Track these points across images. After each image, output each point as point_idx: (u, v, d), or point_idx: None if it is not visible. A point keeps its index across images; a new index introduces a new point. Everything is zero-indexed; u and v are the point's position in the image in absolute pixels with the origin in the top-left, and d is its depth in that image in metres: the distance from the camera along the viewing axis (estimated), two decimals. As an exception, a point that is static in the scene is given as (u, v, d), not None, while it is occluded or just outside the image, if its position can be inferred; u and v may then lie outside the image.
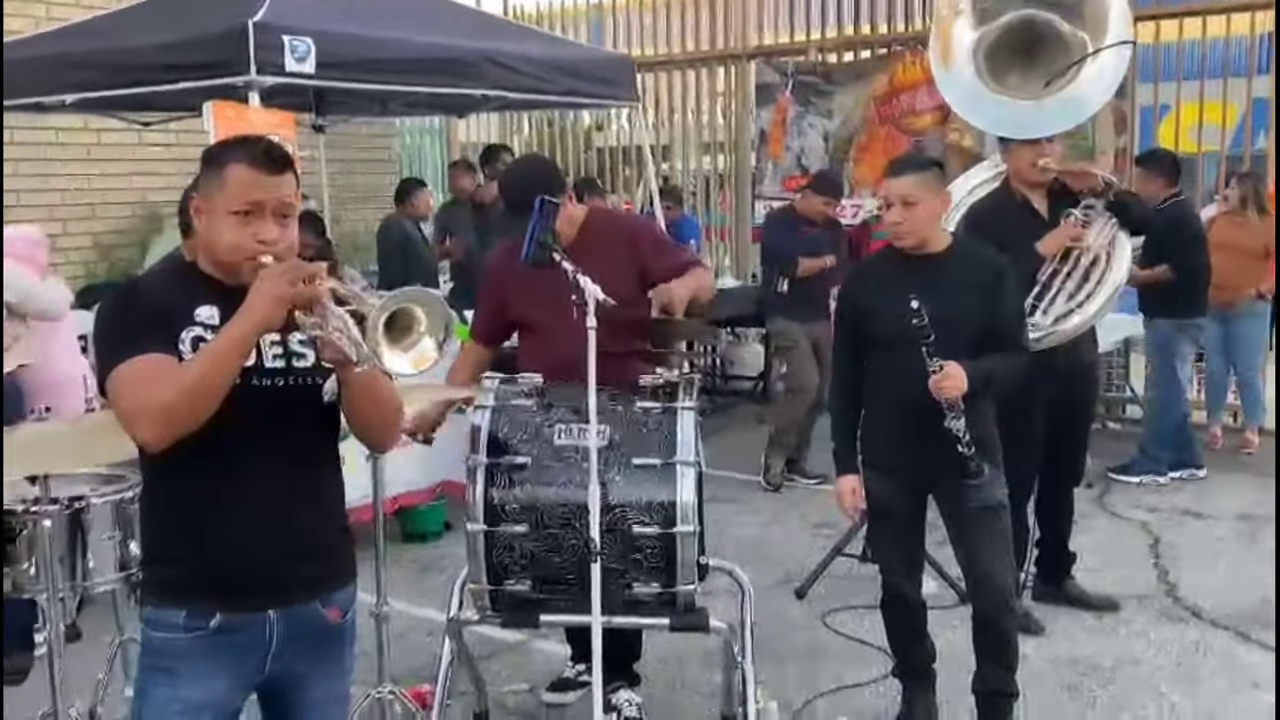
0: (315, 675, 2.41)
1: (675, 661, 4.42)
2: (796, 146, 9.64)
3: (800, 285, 6.93)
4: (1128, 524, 6.15)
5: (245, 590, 2.26)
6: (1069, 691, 4.19)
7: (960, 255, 3.65)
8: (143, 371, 2.13)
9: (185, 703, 2.25)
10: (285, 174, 2.26)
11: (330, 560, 2.41)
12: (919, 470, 3.58)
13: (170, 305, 2.24)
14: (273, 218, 2.23)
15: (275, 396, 2.27)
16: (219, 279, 2.27)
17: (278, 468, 2.27)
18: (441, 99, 7.09)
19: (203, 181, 2.28)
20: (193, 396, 2.10)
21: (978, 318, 3.54)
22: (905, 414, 3.51)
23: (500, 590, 3.41)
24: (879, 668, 4.33)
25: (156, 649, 2.28)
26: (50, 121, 8.12)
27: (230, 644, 2.27)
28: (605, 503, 3.19)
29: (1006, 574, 3.68)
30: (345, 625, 2.45)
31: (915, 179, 3.58)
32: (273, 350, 2.28)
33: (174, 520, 2.29)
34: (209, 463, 2.21)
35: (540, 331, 3.70)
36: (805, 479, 7.11)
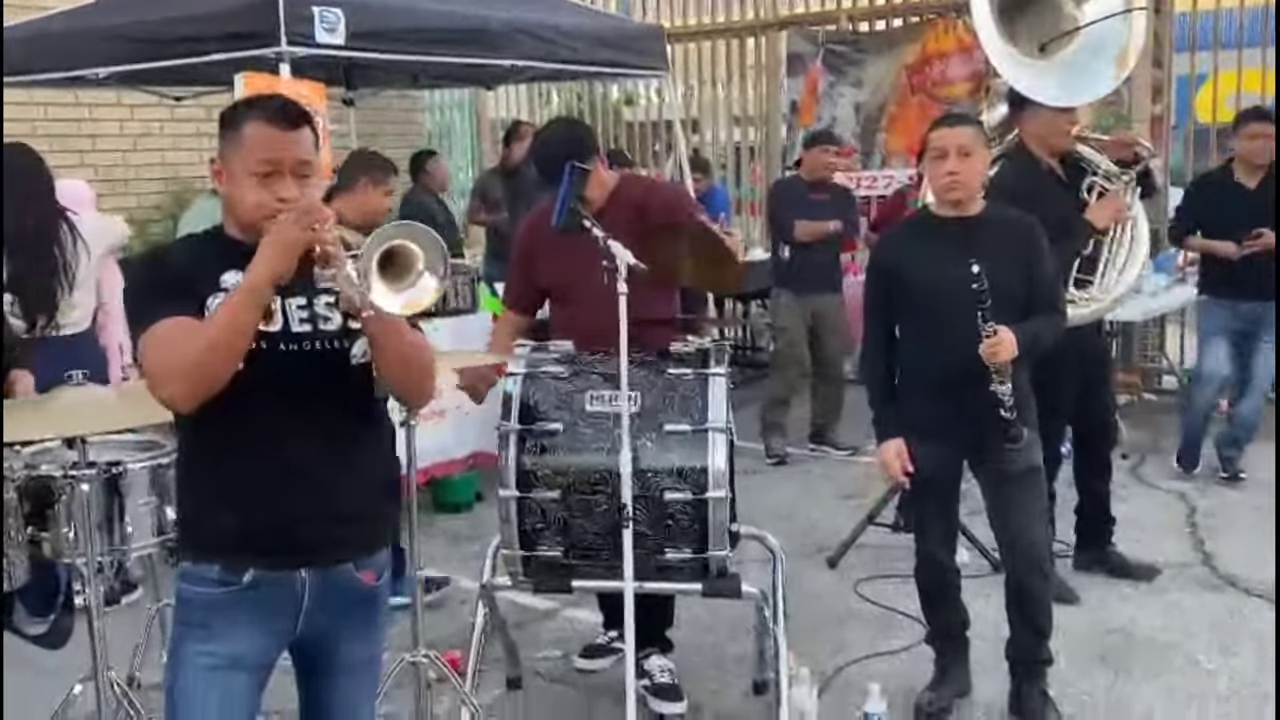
0: (348, 637, 2.43)
1: (707, 629, 4.43)
2: (828, 117, 9.56)
3: (803, 254, 6.79)
4: (1163, 494, 6.10)
5: (279, 549, 2.27)
6: (1103, 660, 4.17)
7: (993, 217, 3.61)
8: (170, 333, 2.14)
9: (217, 656, 2.26)
10: (301, 130, 2.25)
11: (365, 525, 2.40)
12: (959, 435, 3.55)
13: (198, 271, 2.25)
14: (291, 176, 2.23)
15: (302, 360, 2.27)
16: (246, 243, 2.24)
17: (310, 432, 2.27)
18: (471, 70, 7.07)
19: (222, 143, 2.28)
20: (212, 352, 2.10)
21: (1019, 280, 3.51)
22: (946, 379, 3.49)
23: (532, 556, 3.42)
24: (911, 636, 4.32)
25: (190, 603, 2.30)
26: (83, 98, 8.19)
27: (263, 600, 2.28)
28: (637, 469, 3.20)
29: (1042, 537, 3.68)
30: (379, 589, 2.46)
31: (974, 130, 3.53)
32: (299, 315, 2.27)
33: (208, 485, 2.31)
34: (242, 428, 2.22)
35: (571, 298, 3.70)
36: (836, 450, 7.09)
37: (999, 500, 3.64)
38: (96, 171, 8.54)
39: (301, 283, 2.21)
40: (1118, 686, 3.98)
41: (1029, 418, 3.56)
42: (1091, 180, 4.52)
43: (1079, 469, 4.92)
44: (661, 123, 11.15)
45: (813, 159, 6.94)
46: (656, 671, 3.94)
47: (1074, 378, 4.58)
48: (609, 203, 3.70)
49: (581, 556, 3.41)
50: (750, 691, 3.98)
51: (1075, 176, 4.55)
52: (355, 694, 2.49)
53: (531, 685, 4.09)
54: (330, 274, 2.13)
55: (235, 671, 2.28)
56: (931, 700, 3.78)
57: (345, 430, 2.35)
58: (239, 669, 2.29)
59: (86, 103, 8.25)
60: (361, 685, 2.51)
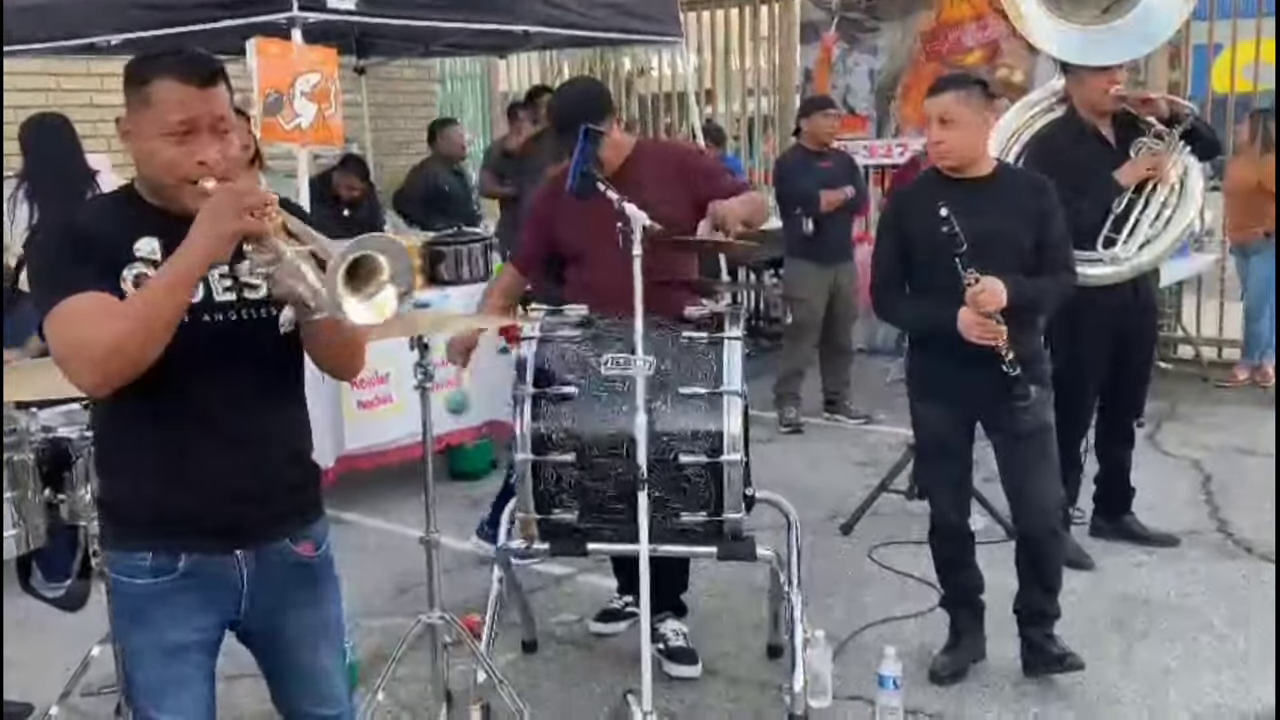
0: (293, 612, 2.33)
1: (721, 594, 4.43)
2: (842, 85, 9.49)
3: (825, 223, 6.77)
4: (1179, 462, 6.08)
5: (213, 530, 2.18)
6: (1119, 625, 4.16)
7: (1003, 178, 3.60)
8: (82, 311, 1.98)
9: (167, 644, 2.18)
10: (217, 86, 2.08)
11: (295, 498, 2.31)
12: (968, 395, 3.55)
13: (109, 237, 2.08)
14: (210, 135, 2.07)
15: (228, 331, 2.14)
16: (159, 206, 2.11)
17: (235, 405, 2.16)
18: (483, 37, 7.03)
19: (128, 101, 2.09)
20: (134, 338, 1.96)
21: (1023, 237, 3.50)
22: (951, 338, 3.48)
23: (548, 519, 3.42)
24: (925, 601, 4.32)
25: (126, 595, 2.20)
26: (95, 68, 8.16)
27: (201, 585, 2.19)
28: (652, 432, 3.19)
29: (1053, 495, 3.68)
30: (320, 559, 2.36)
31: (954, 96, 3.51)
32: (222, 283, 2.14)
33: (132, 466, 2.18)
34: (162, 403, 2.10)
35: (587, 261, 3.69)
36: (850, 419, 7.09)
37: (1009, 458, 3.65)
38: (109, 143, 8.49)
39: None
40: (1133, 651, 3.98)
41: (1039, 374, 3.55)
42: (1140, 142, 4.49)
43: (1101, 437, 4.90)
44: (675, 94, 11.09)
45: (814, 125, 6.90)
46: (671, 635, 3.95)
47: (1106, 346, 4.56)
48: (626, 165, 3.68)
49: (597, 520, 3.41)
50: (765, 655, 3.99)
51: (1128, 138, 4.52)
52: (313, 664, 2.39)
53: (547, 649, 4.11)
54: (266, 259, 2.01)
55: (187, 654, 2.20)
56: (946, 664, 3.80)
57: (272, 401, 2.25)
58: (187, 653, 2.20)
59: (98, 73, 8.22)
60: (318, 654, 2.39)
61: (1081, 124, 4.56)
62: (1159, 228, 4.49)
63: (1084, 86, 4.55)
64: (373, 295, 1.91)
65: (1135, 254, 4.46)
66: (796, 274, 7.06)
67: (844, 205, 6.81)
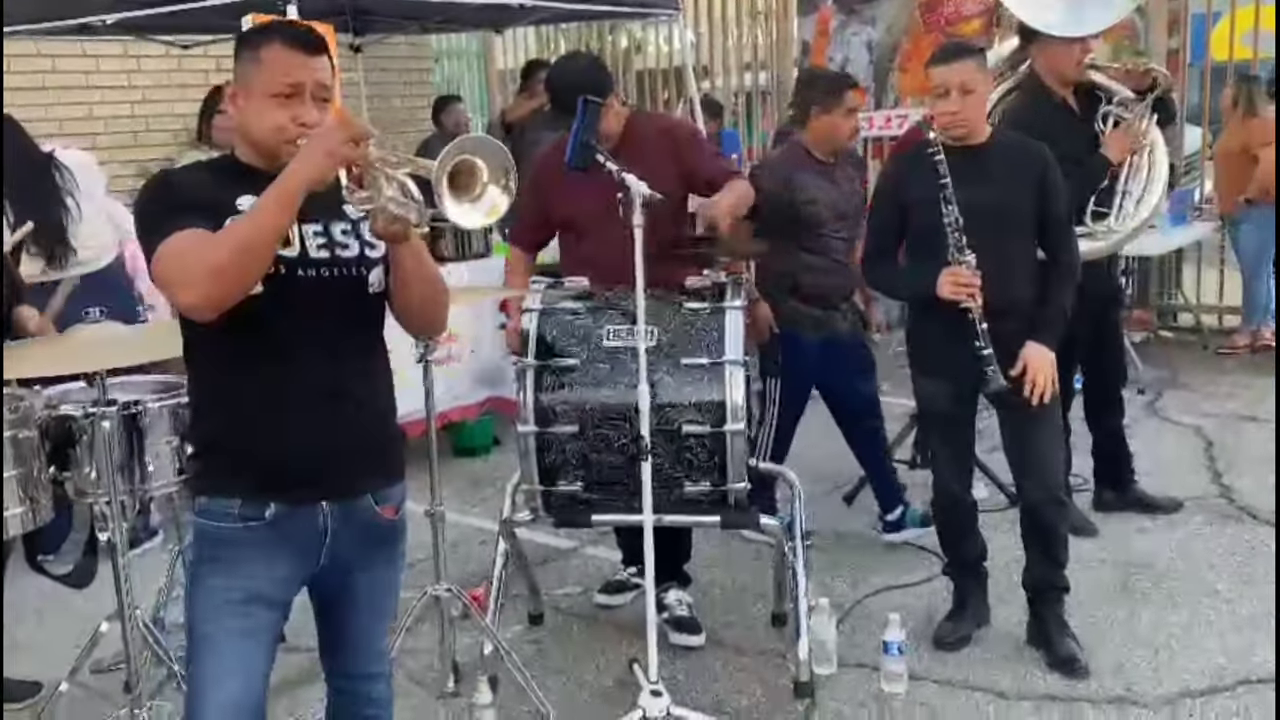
0: (367, 567, 2.41)
1: (725, 564, 4.45)
2: (840, 57, 9.44)
3: None
4: (1181, 429, 6.09)
5: (298, 482, 2.25)
6: (1123, 590, 4.18)
7: (1001, 145, 3.58)
8: (191, 240, 2.09)
9: (240, 591, 2.24)
10: (322, 55, 2.23)
11: (380, 455, 2.39)
12: (967, 367, 3.55)
13: (211, 196, 2.19)
14: (312, 100, 2.19)
15: (320, 287, 2.24)
16: (260, 169, 2.21)
17: (324, 360, 2.25)
18: (480, 12, 6.99)
19: (239, 66, 2.24)
20: (241, 255, 2.04)
21: (1024, 207, 3.49)
22: (949, 312, 3.48)
23: (552, 491, 3.44)
24: (928, 569, 4.34)
25: (211, 538, 2.27)
26: (90, 49, 8.12)
27: (286, 536, 2.26)
28: (655, 403, 3.20)
29: (1057, 466, 3.68)
30: (398, 523, 2.45)
31: (975, 63, 3.48)
32: (316, 240, 2.25)
33: (224, 412, 2.28)
34: (256, 355, 2.21)
35: (586, 234, 3.69)
36: (851, 390, 7.07)
37: (1013, 430, 3.65)
38: (105, 124, 8.51)
39: (317, 208, 2.17)
40: (1137, 615, 3.99)
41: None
42: (1106, 110, 4.44)
43: (1091, 406, 4.89)
44: (671, 70, 11.04)
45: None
46: (675, 605, 3.97)
47: (1085, 314, 4.54)
48: (622, 138, 3.67)
49: (601, 491, 3.43)
50: (770, 623, 4.01)
51: (1090, 106, 4.48)
52: (371, 627, 2.49)
53: (552, 620, 4.13)
54: (365, 195, 2.11)
55: (257, 606, 2.26)
56: (950, 630, 3.81)
57: (361, 358, 2.34)
58: (260, 604, 2.26)
59: (93, 54, 8.19)
60: (379, 617, 2.50)
61: (1049, 95, 4.45)
62: (1144, 196, 4.46)
63: (1054, 56, 4.42)
64: (478, 198, 2.03)
65: (1123, 225, 4.44)
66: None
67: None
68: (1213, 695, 3.48)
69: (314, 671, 2.62)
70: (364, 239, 2.29)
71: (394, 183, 2.07)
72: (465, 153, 2.00)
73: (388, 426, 2.44)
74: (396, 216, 2.09)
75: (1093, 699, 3.49)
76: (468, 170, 2.01)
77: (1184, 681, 3.56)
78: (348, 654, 2.49)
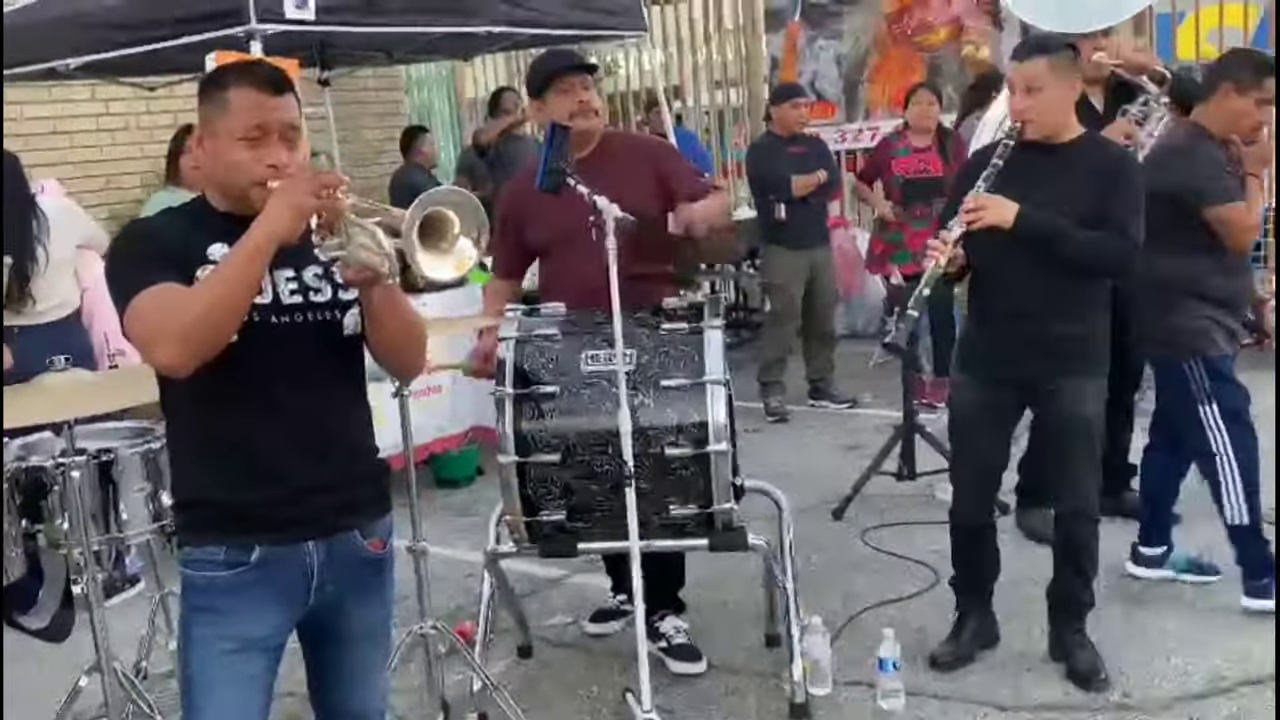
0: (356, 605, 2.38)
1: (717, 586, 4.39)
2: (809, 72, 9.49)
3: (798, 208, 6.77)
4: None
5: (281, 523, 2.22)
6: (1121, 592, 4.14)
7: (1082, 148, 3.46)
8: (164, 296, 2.07)
9: (233, 640, 2.21)
10: (287, 94, 2.20)
11: (365, 489, 2.37)
12: (1020, 377, 3.49)
13: (183, 243, 2.17)
14: (280, 142, 2.17)
15: (294, 333, 2.22)
16: (230, 213, 2.20)
17: (303, 403, 2.23)
18: (446, 41, 6.96)
19: (203, 110, 2.21)
20: (213, 313, 2.03)
21: (1081, 207, 3.35)
22: (991, 309, 3.46)
23: (536, 521, 3.38)
24: (921, 581, 4.30)
25: (199, 587, 2.24)
26: (58, 94, 8.08)
27: (273, 577, 2.23)
28: (636, 426, 3.16)
29: (1089, 485, 3.57)
30: (385, 556, 2.43)
31: (1047, 62, 3.37)
32: (288, 286, 2.22)
33: (203, 460, 2.25)
34: (233, 402, 2.18)
35: (562, 257, 3.65)
36: (834, 403, 7.07)
37: (1049, 446, 3.62)
38: (75, 168, 8.45)
39: (288, 254, 2.14)
40: (1135, 617, 3.96)
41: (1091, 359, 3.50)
42: (1125, 109, 4.41)
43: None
44: (643, 90, 11.05)
45: (783, 114, 6.90)
46: (672, 632, 3.91)
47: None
48: (594, 157, 3.64)
49: (585, 519, 3.37)
50: (763, 645, 3.96)
51: (1117, 104, 4.46)
52: (366, 661, 2.45)
53: (542, 652, 4.07)
54: (335, 243, 2.08)
55: (250, 653, 2.23)
56: (947, 652, 3.73)
57: (338, 400, 2.32)
58: (254, 650, 2.24)
59: (61, 99, 8.14)
60: (372, 652, 2.47)
61: None
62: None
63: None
64: (448, 250, 2.01)
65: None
66: (772, 261, 7.05)
67: (817, 190, 6.80)
68: (1212, 697, 3.44)
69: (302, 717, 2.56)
70: (336, 282, 2.25)
71: (365, 231, 2.05)
72: (438, 204, 1.99)
73: (371, 462, 2.42)
74: (366, 265, 2.06)
75: (1091, 707, 3.45)
76: (440, 222, 2.00)
77: (1183, 684, 3.53)
78: (342, 693, 2.44)
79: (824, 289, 6.96)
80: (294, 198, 2.04)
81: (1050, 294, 3.40)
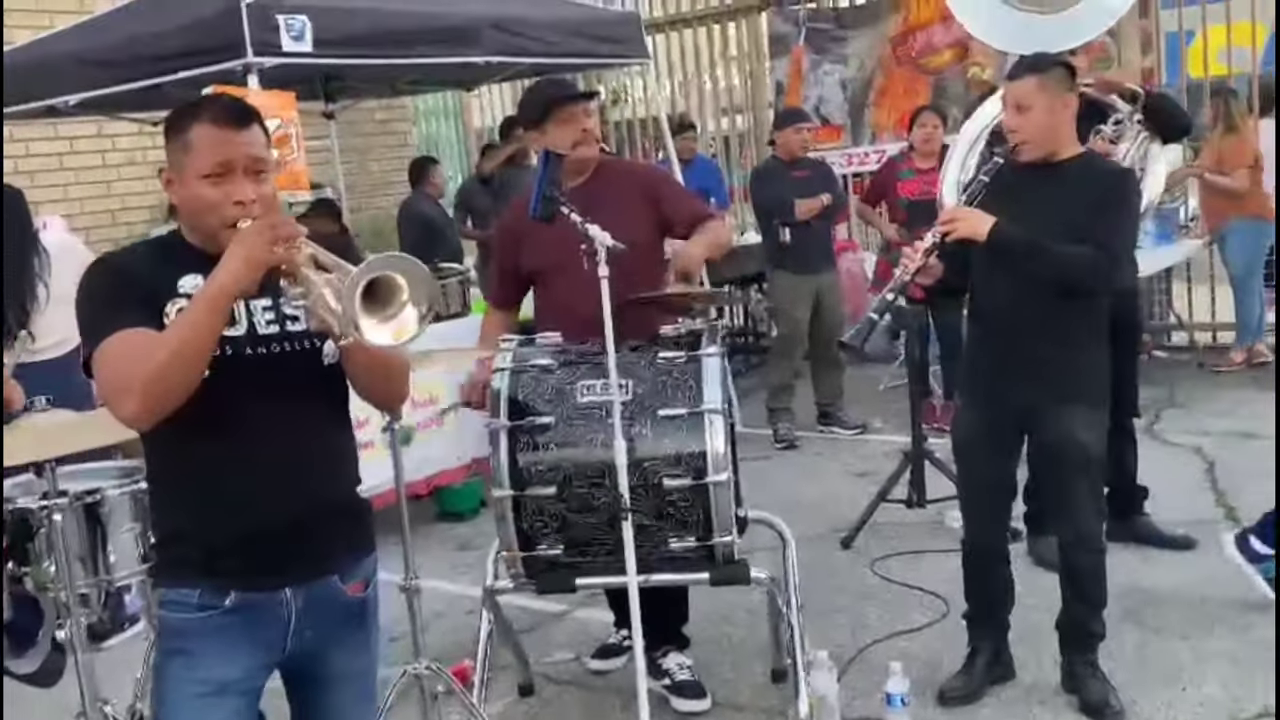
0: (339, 651, 2.32)
1: (722, 619, 4.31)
2: (814, 96, 9.47)
3: (802, 232, 6.72)
4: (1180, 450, 5.98)
5: (259, 566, 2.16)
6: (1132, 618, 4.04)
7: (1072, 167, 3.38)
8: (125, 346, 2.03)
9: (205, 684, 2.15)
10: (251, 127, 2.16)
11: (346, 529, 2.31)
12: (1015, 402, 3.42)
13: (152, 277, 2.15)
14: (245, 176, 2.13)
15: (271, 363, 2.17)
16: (202, 248, 2.17)
17: (283, 437, 2.17)
18: (447, 71, 6.96)
19: (168, 149, 2.17)
20: (171, 367, 1.99)
21: (1071, 228, 3.26)
22: (987, 329, 3.40)
23: (533, 556, 3.32)
24: (932, 613, 4.22)
25: (173, 629, 2.20)
26: (63, 131, 8.13)
27: (248, 622, 2.18)
28: (633, 458, 3.11)
29: (1090, 513, 3.47)
30: (368, 599, 2.36)
31: (1036, 81, 3.31)
32: (265, 315, 2.18)
33: (180, 498, 2.21)
34: (211, 436, 2.12)
35: (556, 285, 3.59)
36: (844, 429, 6.98)
37: (1049, 477, 3.56)
38: (82, 205, 8.49)
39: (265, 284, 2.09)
40: (1147, 645, 3.87)
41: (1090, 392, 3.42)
42: (1098, 129, 4.33)
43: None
44: (650, 119, 11.05)
45: (786, 139, 6.86)
46: (676, 669, 3.82)
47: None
48: (589, 184, 3.59)
49: (583, 553, 3.31)
50: (769, 680, 3.87)
51: (1088, 125, 4.40)
52: (351, 706, 2.39)
53: (543, 690, 3.99)
54: (299, 291, 2.05)
55: (226, 696, 2.17)
56: (957, 687, 3.63)
57: (318, 432, 2.26)
58: (229, 694, 2.18)
59: (66, 136, 8.19)
60: (358, 697, 2.40)
61: None
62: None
63: None
64: (393, 316, 1.93)
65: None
66: (778, 285, 7.00)
67: (822, 213, 6.75)
68: (1231, 729, 3.35)
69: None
70: None
71: (327, 284, 1.99)
72: (391, 269, 1.92)
73: (351, 500, 2.35)
74: (323, 321, 2.02)
75: (1106, 740, 3.36)
76: (388, 286, 1.92)
77: (1199, 716, 3.43)
78: None
79: (830, 313, 6.88)
80: (249, 250, 2.00)
81: (1040, 316, 3.33)
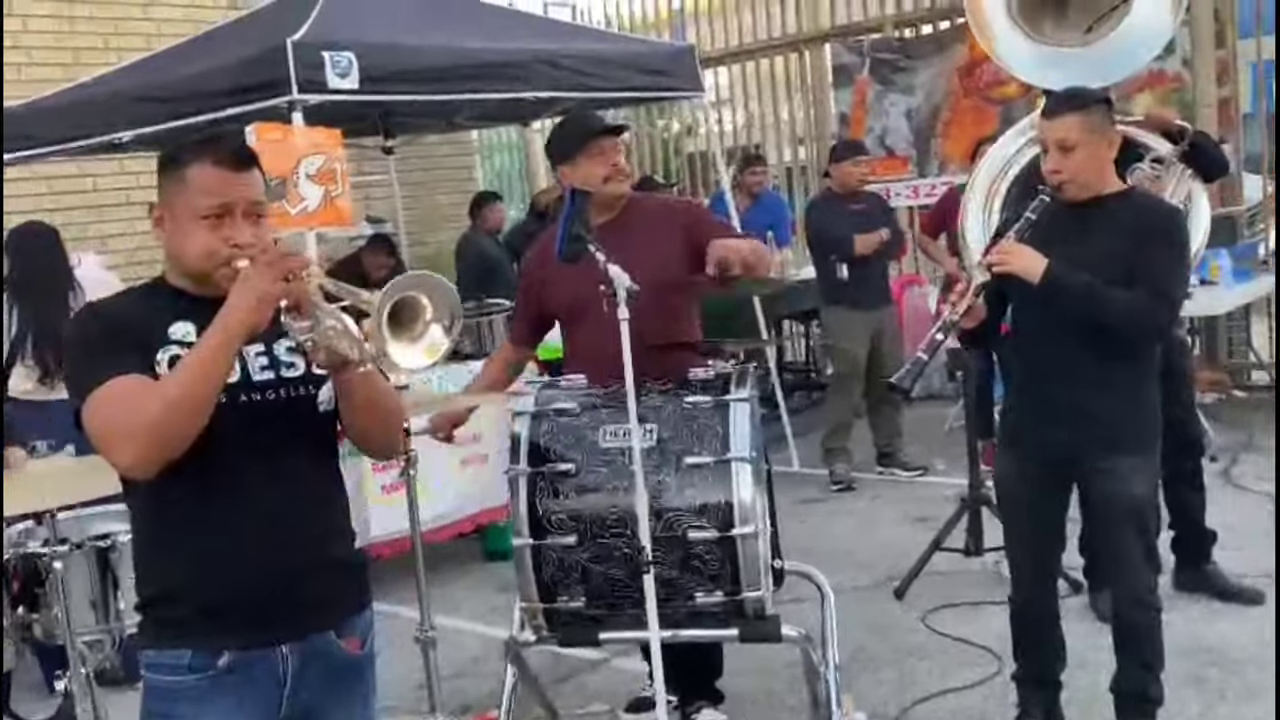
0: (335, 709, 2.23)
1: (758, 672, 4.13)
2: (879, 127, 9.30)
3: (860, 268, 6.55)
4: (1257, 498, 5.68)
5: (253, 623, 2.08)
6: (1196, 681, 3.81)
7: (1124, 205, 3.21)
8: (122, 392, 1.96)
9: None
10: (251, 170, 2.12)
11: (340, 585, 2.22)
12: (1060, 452, 3.25)
13: (142, 324, 2.08)
14: (244, 219, 2.07)
15: (266, 411, 2.11)
16: (190, 292, 2.11)
17: (276, 488, 2.10)
18: (500, 107, 6.94)
19: (162, 186, 2.11)
20: (177, 412, 1.92)
21: (1114, 268, 3.09)
22: (1030, 375, 3.26)
23: (554, 608, 3.19)
24: (984, 669, 4.01)
25: (162, 694, 2.11)
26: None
27: (242, 683, 2.09)
28: (656, 507, 2.98)
29: (1141, 569, 3.28)
30: (364, 657, 2.27)
31: (1079, 119, 3.12)
32: (259, 361, 2.12)
33: (167, 556, 2.12)
34: (201, 488, 2.05)
35: (581, 326, 3.48)
36: (904, 471, 6.76)
37: (1097, 529, 3.40)
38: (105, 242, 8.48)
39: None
40: (1211, 711, 3.64)
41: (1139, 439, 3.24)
42: (1136, 168, 4.11)
43: (1165, 481, 4.53)
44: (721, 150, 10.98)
45: (843, 172, 6.71)
46: (708, 727, 3.68)
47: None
48: (620, 219, 3.49)
49: (606, 605, 3.17)
50: (806, 739, 3.71)
51: (1124, 163, 4.20)
52: None
53: (574, 744, 3.86)
54: (305, 325, 1.98)
55: None
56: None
57: (313, 482, 2.19)
58: None
59: (91, 173, 8.27)
60: None
61: None
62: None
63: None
64: (419, 337, 1.92)
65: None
66: (835, 322, 6.82)
67: (880, 249, 6.57)
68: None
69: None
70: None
71: (332, 315, 1.95)
72: (409, 290, 1.91)
73: (347, 554, 2.27)
74: (335, 351, 1.97)
75: (1166, 811, 3.14)
76: (411, 307, 1.91)
77: (1268, 789, 3.20)
78: None
79: (888, 350, 6.68)
80: (260, 286, 1.94)
81: (1086, 360, 3.15)
